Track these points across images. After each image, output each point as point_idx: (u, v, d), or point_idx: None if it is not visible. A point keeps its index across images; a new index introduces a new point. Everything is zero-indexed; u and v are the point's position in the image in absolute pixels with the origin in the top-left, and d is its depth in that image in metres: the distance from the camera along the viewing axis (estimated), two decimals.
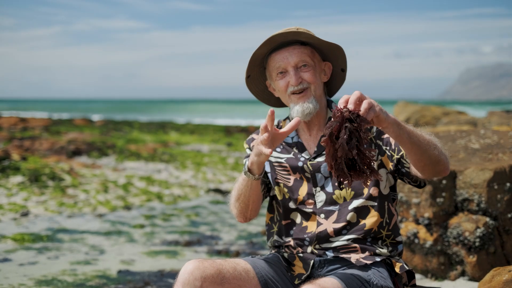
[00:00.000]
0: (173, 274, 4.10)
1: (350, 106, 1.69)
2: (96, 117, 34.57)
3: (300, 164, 2.15)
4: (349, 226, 2.09)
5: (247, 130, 20.80)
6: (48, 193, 7.21)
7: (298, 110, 2.09)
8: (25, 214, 6.04)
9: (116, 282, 3.93)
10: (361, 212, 2.09)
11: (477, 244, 3.58)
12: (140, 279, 3.99)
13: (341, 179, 1.72)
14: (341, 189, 1.94)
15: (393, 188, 2.17)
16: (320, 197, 2.12)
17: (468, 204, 3.67)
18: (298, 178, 2.15)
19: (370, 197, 2.10)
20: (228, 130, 20.88)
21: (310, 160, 2.14)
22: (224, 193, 7.94)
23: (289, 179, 2.18)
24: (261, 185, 2.17)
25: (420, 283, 3.53)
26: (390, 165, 2.09)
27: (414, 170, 2.00)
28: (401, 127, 1.81)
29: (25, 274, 4.05)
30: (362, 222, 2.09)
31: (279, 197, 2.20)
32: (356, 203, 2.09)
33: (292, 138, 2.20)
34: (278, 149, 2.21)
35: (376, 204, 2.10)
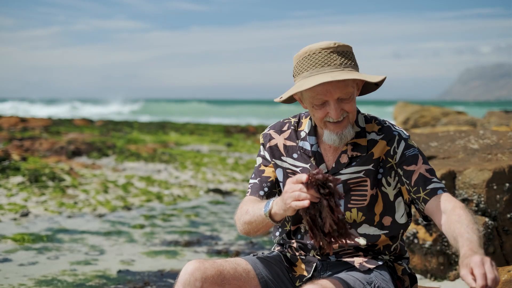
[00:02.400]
0: (173, 274, 4.11)
1: (319, 176, 1.68)
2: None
3: None
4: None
5: (247, 130, 20.80)
6: (48, 193, 7.21)
7: (335, 140, 1.99)
8: (25, 214, 6.05)
9: (116, 282, 3.94)
10: (372, 238, 2.07)
11: None
12: (140, 279, 4.00)
13: (322, 244, 1.73)
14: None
15: (409, 214, 2.14)
16: None
17: (468, 204, 3.68)
18: None
19: (381, 226, 2.07)
20: (227, 130, 20.87)
21: None
22: (224, 193, 7.95)
23: None
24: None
25: (420, 283, 3.54)
26: (407, 197, 2.05)
27: (429, 215, 1.97)
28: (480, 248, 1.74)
29: (25, 274, 4.05)
30: (370, 243, 2.08)
31: None
32: (368, 230, 2.06)
33: (312, 146, 2.10)
34: (295, 155, 2.12)
35: (388, 232, 2.08)
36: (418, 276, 3.79)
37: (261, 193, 2.13)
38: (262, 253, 2.22)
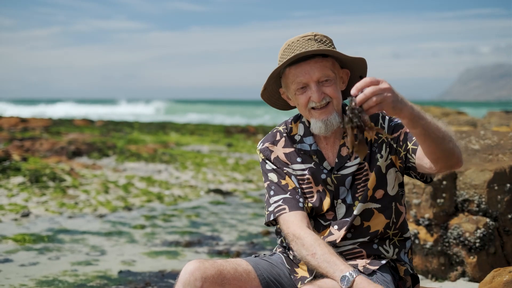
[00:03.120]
0: (174, 275, 4.11)
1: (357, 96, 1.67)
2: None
3: (323, 176, 2.10)
4: (353, 229, 2.08)
5: (247, 131, 20.79)
6: (48, 194, 7.21)
7: (321, 127, 2.03)
8: (26, 215, 6.05)
9: (117, 282, 3.94)
10: (365, 214, 2.08)
11: (477, 244, 3.58)
12: (141, 280, 4.00)
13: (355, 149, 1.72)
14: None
15: (401, 185, 2.15)
16: (341, 209, 2.10)
17: (469, 205, 3.68)
18: (321, 190, 2.11)
19: (373, 200, 2.08)
20: (228, 131, 20.86)
21: (334, 174, 2.10)
22: (225, 193, 7.94)
23: (312, 194, 2.12)
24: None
25: (421, 284, 3.54)
26: (399, 163, 2.08)
27: (421, 165, 1.97)
28: (416, 120, 1.75)
29: (26, 274, 4.05)
30: (366, 224, 2.08)
31: None
32: (359, 206, 2.07)
33: (311, 145, 2.13)
34: (299, 159, 2.13)
35: (380, 206, 2.09)
36: (419, 276, 3.79)
37: (300, 205, 2.10)
38: (264, 254, 2.22)
